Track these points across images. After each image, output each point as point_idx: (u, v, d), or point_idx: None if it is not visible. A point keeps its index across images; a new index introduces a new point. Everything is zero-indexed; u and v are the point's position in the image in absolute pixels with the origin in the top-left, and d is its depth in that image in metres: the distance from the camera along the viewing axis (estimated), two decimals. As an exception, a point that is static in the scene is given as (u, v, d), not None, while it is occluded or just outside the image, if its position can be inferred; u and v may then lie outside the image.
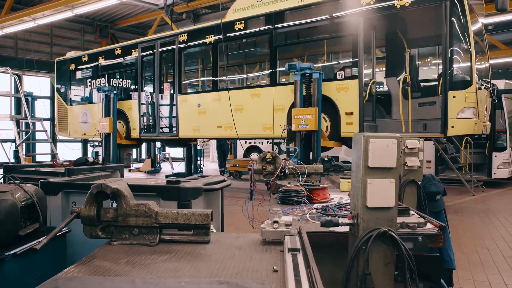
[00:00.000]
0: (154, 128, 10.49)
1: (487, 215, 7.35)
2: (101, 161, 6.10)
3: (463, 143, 10.98)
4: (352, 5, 7.20)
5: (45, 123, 12.04)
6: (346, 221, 1.60)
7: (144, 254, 1.57)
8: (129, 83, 11.27)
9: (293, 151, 7.48)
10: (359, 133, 1.52)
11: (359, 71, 7.17)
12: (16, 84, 11.32)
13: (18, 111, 13.38)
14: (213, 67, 9.41)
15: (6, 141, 10.70)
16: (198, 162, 13.89)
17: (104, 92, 10.67)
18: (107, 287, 1.23)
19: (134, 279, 1.27)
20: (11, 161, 11.14)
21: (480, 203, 8.71)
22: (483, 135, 7.86)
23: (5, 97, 10.78)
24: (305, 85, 7.35)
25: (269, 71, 8.58)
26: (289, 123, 7.67)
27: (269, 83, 8.57)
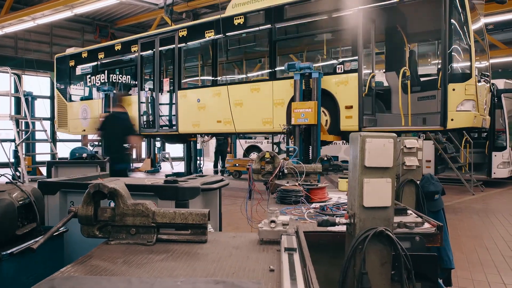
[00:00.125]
0: (153, 123, 10.49)
1: (487, 215, 7.35)
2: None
3: (463, 142, 10.98)
4: None
5: (45, 122, 12.04)
6: (343, 221, 1.60)
7: (141, 253, 1.57)
8: (129, 79, 11.26)
9: (293, 150, 7.49)
10: (356, 133, 1.52)
11: (358, 65, 7.17)
12: (15, 83, 11.32)
13: (17, 110, 13.39)
14: (213, 62, 9.42)
15: (5, 141, 10.69)
16: (198, 161, 13.89)
17: (103, 91, 10.66)
18: (104, 286, 1.23)
19: (130, 279, 1.27)
20: (11, 160, 11.14)
21: (479, 203, 8.71)
22: (484, 129, 7.83)
23: (5, 96, 10.78)
24: (304, 84, 7.37)
25: (269, 66, 8.59)
26: (289, 117, 7.69)
27: (268, 78, 8.58)
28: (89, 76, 12.10)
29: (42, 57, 17.62)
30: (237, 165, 13.32)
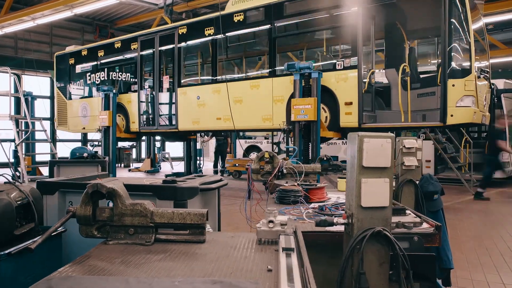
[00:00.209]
0: (153, 121, 10.50)
1: (486, 215, 7.35)
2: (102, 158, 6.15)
3: (463, 142, 10.98)
4: None
5: (45, 122, 12.04)
6: (340, 221, 1.60)
7: (139, 253, 1.57)
8: (129, 77, 11.26)
9: (292, 151, 7.48)
10: (354, 133, 1.52)
11: (358, 61, 7.17)
12: (15, 83, 11.32)
13: (17, 110, 13.39)
14: (213, 59, 9.42)
15: (5, 141, 10.70)
16: (197, 161, 13.89)
17: (103, 91, 10.67)
18: (101, 286, 1.23)
19: (128, 279, 1.27)
20: (11, 160, 11.14)
21: (479, 203, 8.71)
22: (483, 125, 7.82)
23: (5, 96, 10.78)
24: (304, 82, 7.39)
25: (268, 63, 8.58)
26: (289, 113, 7.70)
27: (268, 74, 8.60)
28: (89, 74, 12.10)
29: (42, 57, 17.62)
30: (237, 165, 13.31)
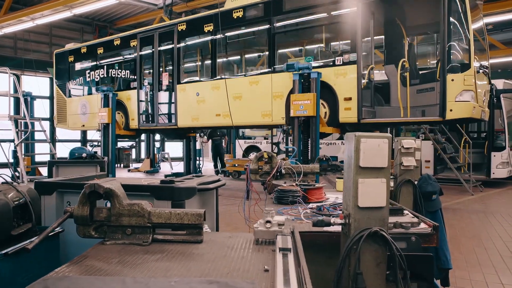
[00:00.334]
0: (153, 118, 10.50)
1: (486, 215, 7.36)
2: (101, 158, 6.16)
3: (462, 142, 10.98)
4: None
5: (44, 123, 12.03)
6: (337, 221, 1.60)
7: (136, 253, 1.57)
8: (128, 74, 11.26)
9: (292, 151, 7.48)
10: (351, 133, 1.52)
11: (357, 56, 7.18)
12: (14, 84, 11.31)
13: (17, 111, 13.38)
14: (212, 56, 9.42)
15: (4, 141, 10.69)
16: (197, 162, 13.89)
17: (102, 92, 10.67)
18: (98, 286, 1.23)
19: (124, 279, 1.27)
20: (10, 161, 11.13)
21: (478, 203, 8.71)
22: (482, 121, 7.80)
23: (4, 97, 10.77)
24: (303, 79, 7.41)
25: (268, 58, 8.58)
26: (288, 109, 7.71)
27: (267, 71, 8.59)
28: (88, 71, 12.10)
29: (41, 58, 17.62)
30: (236, 165, 13.31)
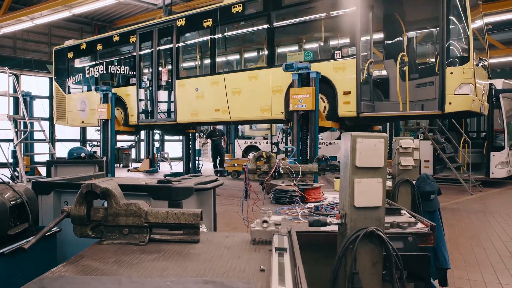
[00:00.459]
0: (152, 113, 10.50)
1: (485, 215, 7.36)
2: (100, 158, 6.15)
3: (461, 142, 10.98)
4: None
5: (43, 122, 12.03)
6: (334, 221, 1.60)
7: (132, 253, 1.57)
8: (127, 70, 11.27)
9: (291, 151, 7.48)
10: (347, 133, 1.52)
11: (356, 50, 7.17)
12: (14, 84, 11.31)
13: (16, 111, 13.36)
14: (211, 51, 9.43)
15: (4, 141, 10.68)
16: (196, 161, 13.89)
17: (102, 92, 10.67)
18: (93, 286, 1.23)
19: (120, 278, 1.27)
20: (9, 161, 11.13)
21: (478, 203, 8.72)
22: (482, 115, 7.80)
23: (3, 97, 10.77)
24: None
25: (267, 53, 8.56)
26: (287, 104, 7.72)
27: (266, 65, 8.58)
28: (88, 68, 12.10)
29: (40, 57, 17.62)
30: (236, 165, 13.31)
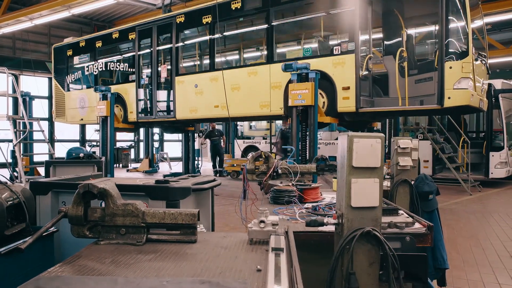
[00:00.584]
0: (151, 110, 10.50)
1: (484, 215, 7.36)
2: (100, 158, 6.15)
3: (460, 142, 10.99)
4: None
5: (43, 123, 12.03)
6: (331, 221, 1.60)
7: (129, 253, 1.57)
8: (127, 67, 11.27)
9: (290, 151, 7.48)
10: (344, 133, 1.52)
11: (355, 45, 7.18)
12: (13, 84, 11.31)
13: (15, 111, 13.37)
14: (210, 47, 9.43)
15: (3, 141, 10.69)
16: (196, 162, 13.88)
17: (101, 92, 10.67)
18: (89, 286, 1.23)
19: (116, 278, 1.27)
20: (9, 161, 11.13)
21: (477, 203, 8.72)
22: (481, 110, 7.79)
23: (2, 97, 10.77)
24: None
25: (266, 49, 8.56)
26: (286, 100, 7.73)
27: (265, 61, 8.56)
28: (87, 65, 12.10)
29: (40, 57, 17.60)
30: (235, 165, 13.31)
